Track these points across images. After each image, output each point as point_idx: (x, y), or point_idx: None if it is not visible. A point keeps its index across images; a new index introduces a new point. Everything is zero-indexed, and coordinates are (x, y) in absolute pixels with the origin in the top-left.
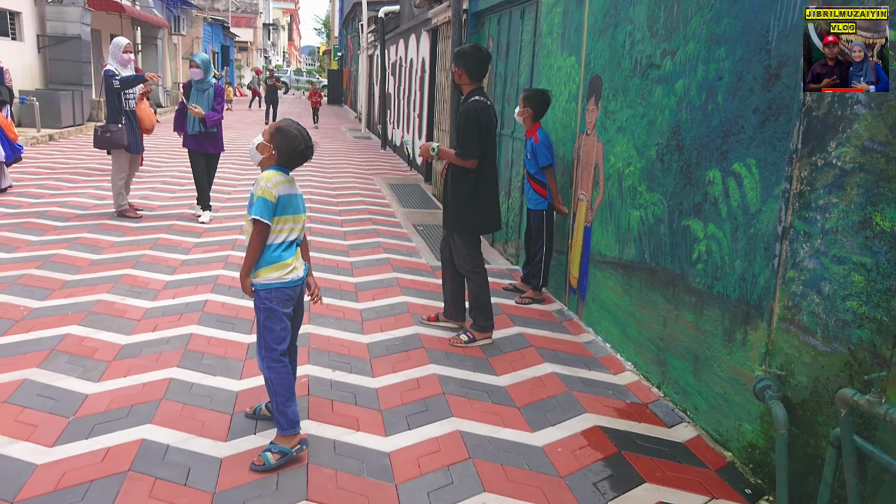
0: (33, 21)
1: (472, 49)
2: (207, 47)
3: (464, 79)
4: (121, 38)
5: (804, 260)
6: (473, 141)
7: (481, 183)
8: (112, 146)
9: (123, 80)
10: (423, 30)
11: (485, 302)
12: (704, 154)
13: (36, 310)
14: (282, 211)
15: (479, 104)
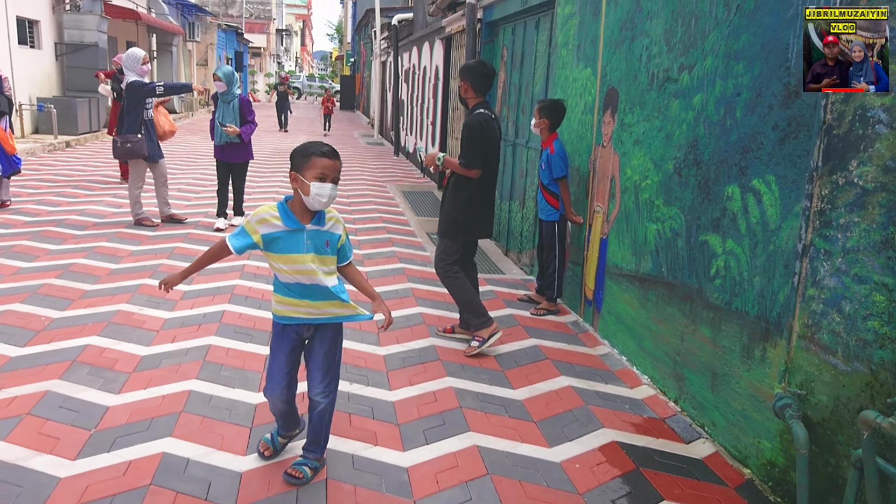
0: (51, 29)
1: (477, 64)
2: (221, 53)
3: (469, 93)
4: (137, 49)
5: (825, 278)
6: (477, 152)
7: (480, 191)
8: (132, 156)
9: (169, 87)
10: (437, 38)
11: (469, 301)
12: (723, 169)
13: (57, 320)
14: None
15: (482, 116)
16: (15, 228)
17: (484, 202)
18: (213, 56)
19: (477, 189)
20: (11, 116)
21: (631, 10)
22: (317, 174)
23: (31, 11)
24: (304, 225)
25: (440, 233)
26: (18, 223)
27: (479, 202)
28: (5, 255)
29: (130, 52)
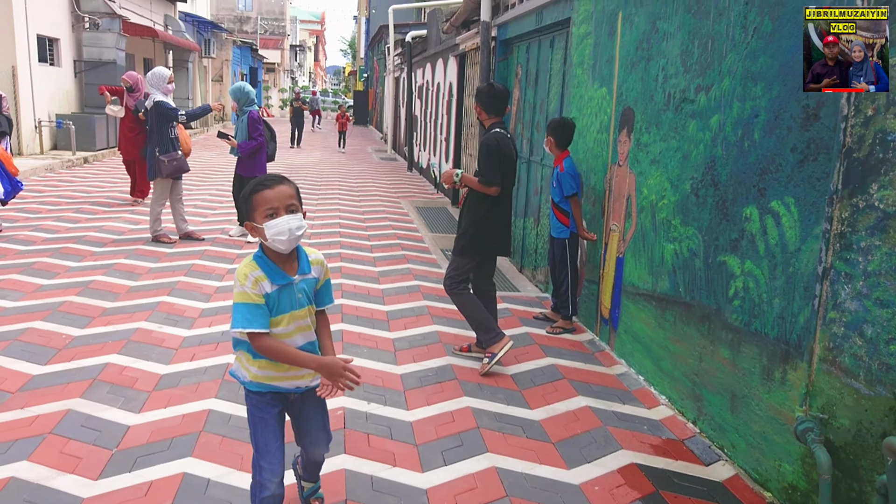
0: (71, 47)
1: (487, 87)
2: (236, 69)
3: (483, 115)
4: (163, 68)
5: (845, 301)
6: (494, 169)
7: (497, 209)
8: (179, 173)
9: (191, 114)
10: (451, 55)
11: (477, 317)
12: (741, 190)
13: (77, 338)
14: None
15: (498, 135)
16: (35, 245)
17: (501, 220)
18: (228, 72)
19: (494, 207)
20: (11, 137)
21: (647, 30)
22: (265, 212)
23: (52, 30)
24: (293, 277)
25: (455, 250)
26: (38, 240)
27: (496, 220)
28: (27, 271)
29: (156, 70)
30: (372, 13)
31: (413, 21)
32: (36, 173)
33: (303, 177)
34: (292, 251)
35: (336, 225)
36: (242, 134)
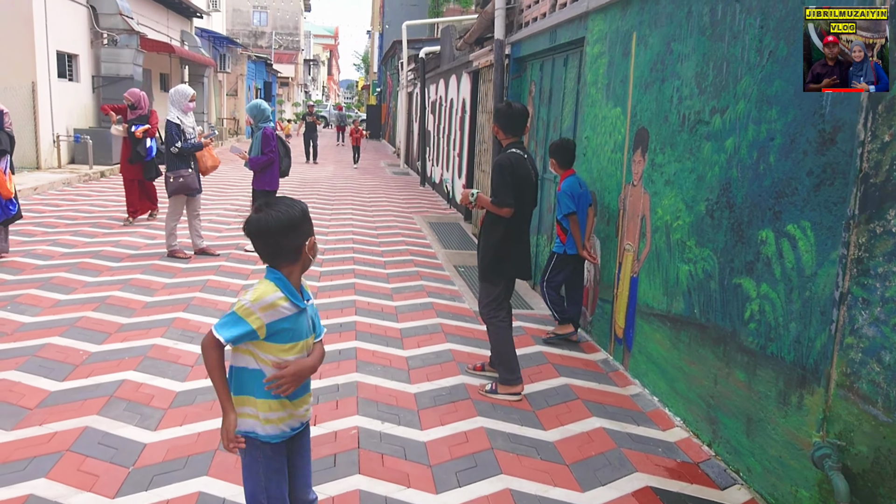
0: (89, 63)
1: (505, 107)
2: (251, 84)
3: (500, 134)
4: (186, 87)
5: (863, 327)
6: (507, 190)
7: (512, 230)
8: (186, 191)
9: (184, 147)
10: (465, 71)
11: (504, 354)
12: (756, 213)
13: (94, 354)
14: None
15: (513, 155)
16: (53, 260)
17: (517, 242)
18: (242, 86)
19: (509, 229)
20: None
21: (661, 51)
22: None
23: (71, 46)
24: (304, 303)
25: (479, 276)
26: (56, 255)
27: (512, 242)
28: (45, 286)
29: (180, 88)
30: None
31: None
32: (53, 187)
33: (316, 191)
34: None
35: (349, 241)
36: (256, 149)
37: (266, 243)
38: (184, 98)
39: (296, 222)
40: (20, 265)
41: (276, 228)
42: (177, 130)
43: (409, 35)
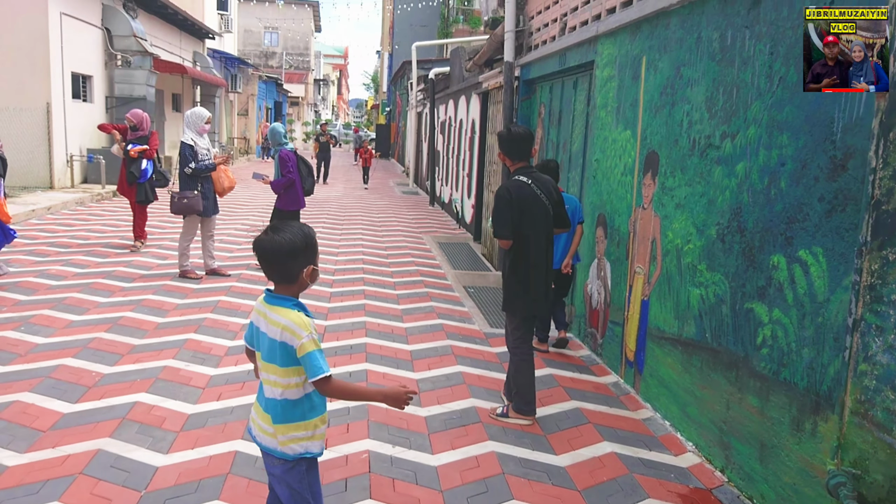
0: (103, 84)
1: (505, 132)
2: (261, 103)
3: (506, 160)
4: (202, 109)
5: (877, 354)
6: (502, 221)
7: (520, 261)
8: (188, 212)
9: (197, 169)
10: (474, 92)
11: (522, 384)
12: (768, 238)
13: (107, 375)
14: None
15: (514, 183)
16: (66, 280)
17: (528, 273)
18: (253, 106)
19: (516, 259)
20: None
21: (671, 76)
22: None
23: (86, 67)
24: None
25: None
26: (69, 275)
27: (522, 273)
28: (58, 307)
29: (196, 110)
30: (395, 49)
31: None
32: (67, 207)
33: (326, 211)
34: None
35: (360, 261)
36: (276, 172)
37: (270, 265)
38: (200, 120)
39: (298, 249)
40: (34, 285)
41: (280, 253)
42: (190, 152)
43: (419, 56)
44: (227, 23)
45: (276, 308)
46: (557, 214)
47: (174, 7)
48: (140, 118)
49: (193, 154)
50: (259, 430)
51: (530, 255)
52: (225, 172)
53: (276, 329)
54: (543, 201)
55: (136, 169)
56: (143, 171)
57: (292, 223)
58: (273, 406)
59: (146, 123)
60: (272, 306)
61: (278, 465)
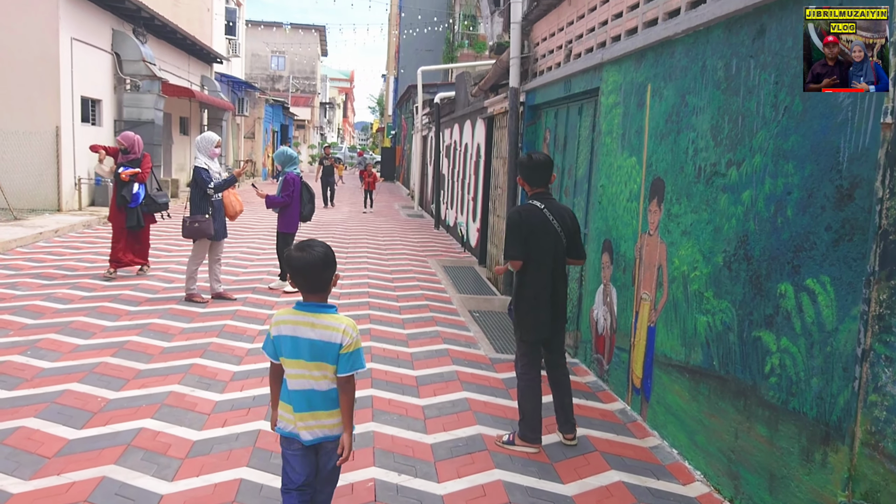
0: (112, 107)
1: (526, 159)
2: (268, 126)
3: (525, 186)
4: (212, 134)
5: (887, 385)
6: (513, 243)
7: (526, 285)
8: (200, 236)
9: (218, 186)
10: (479, 117)
11: (528, 410)
12: (775, 266)
13: (112, 401)
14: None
15: (526, 206)
16: (73, 304)
17: (535, 298)
18: (259, 129)
19: (522, 283)
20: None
21: (676, 103)
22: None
23: (95, 91)
24: None
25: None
26: (76, 298)
27: (530, 297)
28: (64, 331)
29: (206, 135)
30: (400, 72)
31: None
32: (74, 229)
33: (331, 234)
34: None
35: (365, 285)
36: (278, 191)
37: (306, 278)
38: (210, 144)
39: (329, 261)
40: (41, 309)
41: (317, 267)
42: (206, 174)
43: (424, 80)
44: (234, 47)
45: (321, 315)
46: (571, 244)
47: (183, 32)
48: (132, 141)
49: (209, 176)
50: (311, 429)
51: (536, 280)
52: (235, 196)
53: (327, 332)
54: (555, 228)
55: (127, 193)
56: (135, 195)
57: (313, 242)
58: (328, 397)
59: (138, 146)
60: (316, 314)
61: (331, 447)
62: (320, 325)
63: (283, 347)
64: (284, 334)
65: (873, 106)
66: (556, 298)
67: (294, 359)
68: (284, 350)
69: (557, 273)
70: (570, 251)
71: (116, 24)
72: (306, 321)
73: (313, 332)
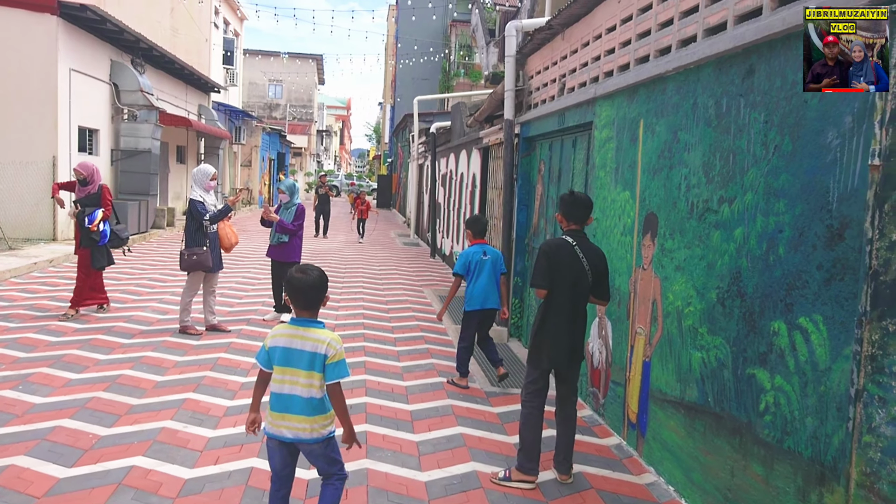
0: (109, 137)
1: (568, 195)
2: (265, 154)
3: (563, 221)
4: (208, 166)
5: (881, 426)
6: (539, 272)
7: (549, 315)
8: (199, 268)
9: (213, 217)
10: (475, 147)
11: (527, 439)
12: (768, 304)
13: (104, 437)
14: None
15: (557, 240)
16: (66, 336)
17: (553, 329)
18: (256, 157)
19: (546, 314)
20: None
21: (668, 139)
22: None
23: (92, 122)
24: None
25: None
26: (69, 330)
27: (549, 328)
28: (56, 365)
29: (202, 168)
30: (397, 101)
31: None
32: (69, 259)
33: (327, 263)
34: None
35: (360, 315)
36: (289, 218)
37: (305, 296)
38: (206, 177)
39: (324, 284)
40: (33, 342)
41: (313, 287)
42: (202, 207)
43: (421, 109)
44: (232, 76)
45: (311, 329)
46: (597, 284)
47: (181, 63)
48: (90, 170)
49: (205, 208)
50: (293, 430)
51: (557, 311)
52: (230, 228)
53: (315, 344)
54: (583, 265)
55: (95, 233)
56: (102, 232)
57: (310, 266)
58: (309, 404)
59: (97, 176)
60: (307, 328)
61: (316, 447)
62: (310, 337)
63: (276, 356)
64: (279, 345)
65: (861, 147)
66: (575, 333)
67: (284, 366)
68: (276, 358)
69: (579, 309)
70: (595, 290)
71: (115, 54)
72: (298, 334)
73: (303, 344)
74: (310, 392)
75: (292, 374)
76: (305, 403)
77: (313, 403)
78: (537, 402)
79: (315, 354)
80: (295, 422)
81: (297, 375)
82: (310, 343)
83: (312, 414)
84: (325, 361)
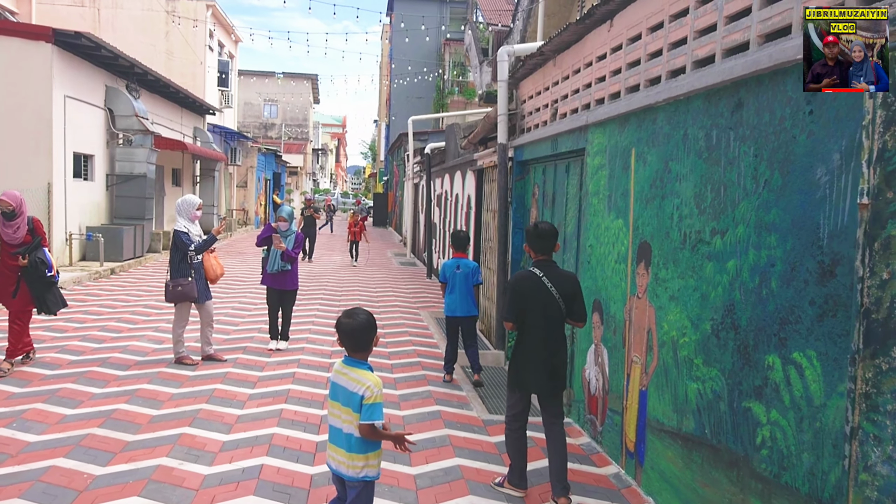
0: (104, 162)
1: (532, 228)
2: (260, 175)
3: (530, 252)
4: (193, 196)
5: (876, 465)
6: (507, 306)
7: (524, 342)
8: (184, 299)
9: (198, 248)
10: (470, 169)
11: (513, 458)
12: (762, 337)
13: (99, 477)
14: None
15: (522, 272)
16: (61, 369)
17: (528, 355)
18: (252, 178)
19: (520, 341)
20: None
21: (660, 169)
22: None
23: (88, 147)
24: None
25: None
26: (64, 363)
27: (523, 354)
28: (50, 400)
29: (187, 198)
30: (392, 119)
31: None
32: (64, 286)
33: (323, 286)
34: None
35: None
36: (291, 245)
37: (354, 339)
38: (191, 207)
39: (373, 326)
40: (28, 375)
41: (363, 330)
42: (186, 238)
43: (415, 128)
44: (227, 98)
45: (356, 369)
46: (570, 308)
47: (176, 86)
48: (18, 201)
49: (189, 239)
50: (336, 462)
51: (529, 340)
52: (216, 259)
53: (356, 385)
54: (552, 294)
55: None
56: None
57: (359, 310)
58: (348, 440)
59: (25, 206)
60: (352, 368)
61: (353, 486)
62: (353, 378)
63: (331, 390)
64: (332, 380)
65: (849, 184)
66: (552, 360)
67: (333, 400)
68: (330, 392)
69: (553, 335)
70: (569, 313)
71: (110, 80)
72: (345, 372)
73: (347, 382)
74: (349, 428)
75: (338, 409)
76: (345, 439)
77: (351, 441)
78: (517, 424)
79: (353, 394)
80: (337, 454)
81: (339, 410)
82: (353, 383)
83: (350, 450)
84: (362, 402)
